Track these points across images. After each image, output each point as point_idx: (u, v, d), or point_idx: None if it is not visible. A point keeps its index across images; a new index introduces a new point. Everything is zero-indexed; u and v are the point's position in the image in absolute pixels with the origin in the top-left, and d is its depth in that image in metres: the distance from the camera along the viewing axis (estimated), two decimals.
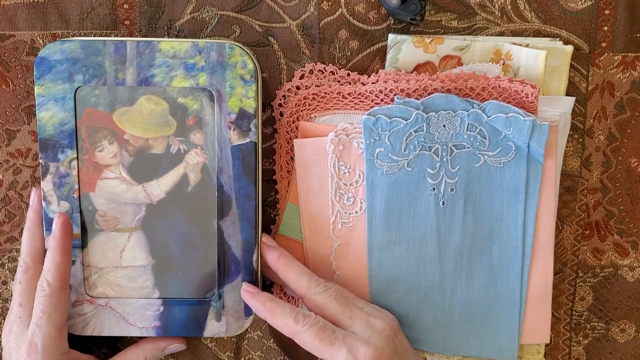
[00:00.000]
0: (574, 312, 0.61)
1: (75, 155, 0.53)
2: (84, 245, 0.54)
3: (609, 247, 0.60)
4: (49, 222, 0.53)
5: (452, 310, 0.56)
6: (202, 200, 0.54)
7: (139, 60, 0.52)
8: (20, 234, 0.58)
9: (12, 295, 0.58)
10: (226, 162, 0.53)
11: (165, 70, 0.52)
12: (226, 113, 0.52)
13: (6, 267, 0.59)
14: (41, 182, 0.53)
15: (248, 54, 0.52)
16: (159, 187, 0.54)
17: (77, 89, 0.52)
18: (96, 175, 0.54)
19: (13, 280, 0.59)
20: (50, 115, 0.52)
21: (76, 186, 0.53)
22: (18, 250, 0.59)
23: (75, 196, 0.54)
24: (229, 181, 0.53)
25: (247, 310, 0.55)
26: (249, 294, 0.53)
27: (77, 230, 0.54)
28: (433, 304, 0.56)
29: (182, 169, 0.53)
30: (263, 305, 0.52)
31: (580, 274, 0.60)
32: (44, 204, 0.54)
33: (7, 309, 0.59)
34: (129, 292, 0.55)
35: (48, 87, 0.52)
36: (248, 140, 0.53)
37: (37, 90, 0.52)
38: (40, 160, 0.53)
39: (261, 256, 0.54)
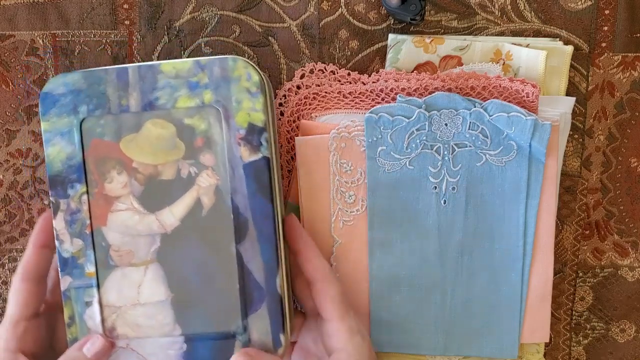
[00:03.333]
0: (574, 312, 0.61)
1: (84, 189, 0.50)
2: (100, 284, 0.51)
3: (609, 247, 0.60)
4: (62, 261, 0.50)
5: (453, 309, 0.56)
6: (217, 224, 0.50)
7: (141, 84, 0.50)
8: (20, 234, 0.58)
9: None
10: (239, 182, 0.50)
11: (169, 92, 0.50)
12: (235, 129, 0.49)
13: (6, 267, 0.59)
14: (53, 221, 0.50)
15: (252, 65, 0.50)
16: (172, 214, 0.51)
17: (82, 121, 0.50)
18: (107, 208, 0.51)
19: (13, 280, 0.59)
20: (57, 151, 0.50)
21: (88, 221, 0.50)
22: (18, 250, 0.59)
23: (88, 232, 0.50)
24: (244, 201, 0.50)
25: (276, 341, 0.51)
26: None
27: (92, 269, 0.50)
28: (434, 303, 0.56)
29: (194, 193, 0.50)
30: None
31: (580, 274, 0.60)
32: (57, 243, 0.50)
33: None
34: (149, 331, 0.51)
35: (53, 122, 0.50)
36: (260, 156, 0.49)
37: (43, 126, 0.50)
38: (51, 199, 0.50)
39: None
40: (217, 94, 0.49)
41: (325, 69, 0.57)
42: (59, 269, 0.50)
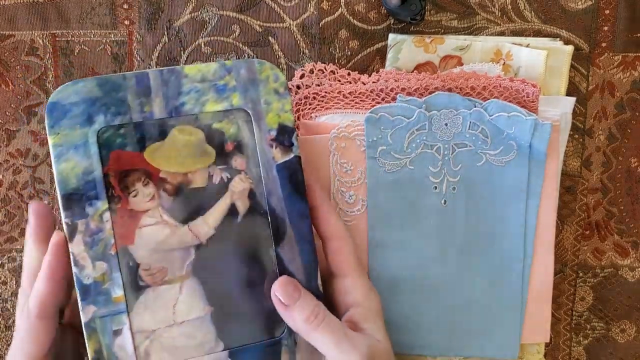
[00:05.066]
0: (574, 313, 0.61)
1: (106, 206, 0.46)
2: (129, 309, 0.46)
3: (609, 247, 0.60)
4: (83, 289, 0.45)
5: (455, 310, 0.56)
6: (254, 229, 0.48)
7: (164, 89, 0.47)
8: (20, 233, 0.58)
9: (15, 303, 0.58)
10: (273, 183, 0.49)
11: (195, 97, 0.47)
12: (265, 131, 0.48)
13: (6, 268, 0.59)
14: (69, 245, 0.45)
15: (277, 67, 0.49)
16: (207, 223, 0.48)
17: (99, 132, 0.46)
18: (134, 224, 0.47)
19: (13, 280, 0.59)
20: (71, 166, 0.45)
21: (112, 241, 0.46)
22: (18, 250, 0.59)
23: (113, 253, 0.46)
24: (280, 203, 0.49)
25: None
26: (290, 298, 0.47)
27: (119, 293, 0.46)
28: (435, 304, 0.56)
29: (228, 199, 0.48)
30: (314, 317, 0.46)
31: (581, 274, 0.60)
32: (76, 269, 0.45)
33: (7, 309, 0.59)
34: (188, 352, 0.47)
35: (65, 134, 0.45)
36: (292, 155, 0.49)
37: (52, 140, 0.45)
38: (66, 220, 0.45)
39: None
40: (246, 97, 0.48)
41: (325, 69, 0.57)
42: (79, 299, 0.45)
